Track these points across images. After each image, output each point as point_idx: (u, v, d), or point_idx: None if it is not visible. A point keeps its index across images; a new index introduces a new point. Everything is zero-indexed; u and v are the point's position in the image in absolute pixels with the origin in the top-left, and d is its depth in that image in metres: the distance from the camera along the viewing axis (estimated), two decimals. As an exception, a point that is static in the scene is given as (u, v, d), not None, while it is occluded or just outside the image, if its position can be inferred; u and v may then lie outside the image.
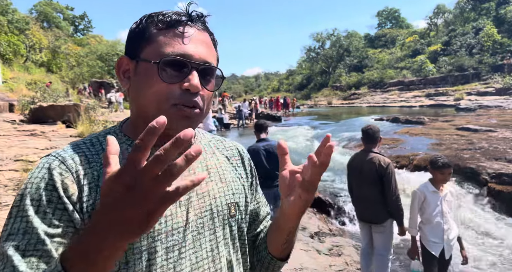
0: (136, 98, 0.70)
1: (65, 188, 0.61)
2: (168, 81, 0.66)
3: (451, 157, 7.67)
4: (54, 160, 0.64)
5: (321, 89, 51.83)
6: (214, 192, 0.77)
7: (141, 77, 0.69)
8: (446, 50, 40.35)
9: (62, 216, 0.60)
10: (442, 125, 13.38)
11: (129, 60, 0.71)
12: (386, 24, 63.27)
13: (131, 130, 0.74)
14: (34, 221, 0.58)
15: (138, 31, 0.70)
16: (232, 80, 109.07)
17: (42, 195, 0.59)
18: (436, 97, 30.92)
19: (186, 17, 0.70)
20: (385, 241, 3.29)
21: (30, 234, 0.57)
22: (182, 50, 0.67)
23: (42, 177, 0.61)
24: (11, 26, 24.38)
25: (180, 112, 0.67)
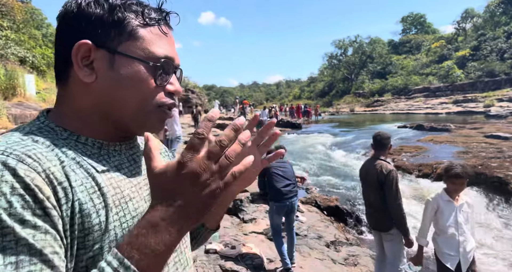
0: (110, 94, 0.62)
1: (39, 189, 0.49)
2: (161, 84, 0.65)
3: (477, 165, 7.36)
4: (5, 158, 0.49)
5: (343, 96, 51.15)
6: None
7: (124, 74, 0.62)
8: (475, 55, 38.85)
9: (44, 222, 0.48)
10: (470, 133, 12.86)
11: (94, 47, 0.61)
12: (411, 29, 61.90)
13: (76, 124, 0.64)
14: (15, 232, 0.45)
15: (112, 19, 0.62)
16: (253, 88, 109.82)
17: (13, 202, 0.46)
18: (464, 104, 29.75)
19: (163, 15, 0.67)
20: (395, 250, 3.20)
21: (13, 249, 0.44)
22: (169, 53, 0.65)
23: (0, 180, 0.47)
24: (46, 40, 25.88)
25: (162, 115, 0.66)
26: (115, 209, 0.59)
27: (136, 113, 0.64)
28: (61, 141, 0.60)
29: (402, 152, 9.87)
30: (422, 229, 2.89)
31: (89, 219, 0.55)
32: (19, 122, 10.98)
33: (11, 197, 0.46)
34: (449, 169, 2.76)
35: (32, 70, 19.31)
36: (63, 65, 0.64)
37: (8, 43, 17.96)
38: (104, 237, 0.56)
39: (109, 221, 0.57)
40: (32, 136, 0.57)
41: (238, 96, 41.10)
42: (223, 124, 18.88)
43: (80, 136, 0.63)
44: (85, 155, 0.61)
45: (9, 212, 0.46)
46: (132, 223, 0.61)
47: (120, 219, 0.59)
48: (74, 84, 0.63)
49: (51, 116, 0.65)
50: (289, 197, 3.92)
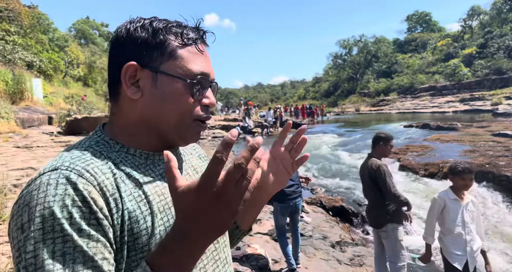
0: (155, 109, 0.69)
1: (94, 202, 0.57)
2: (197, 99, 0.70)
3: (485, 164, 7.27)
4: (69, 173, 0.58)
5: (349, 96, 50.93)
6: None
7: (166, 90, 0.68)
8: (482, 53, 38.41)
9: (97, 231, 0.56)
10: (477, 131, 12.71)
11: (139, 67, 0.68)
12: (416, 28, 61.43)
13: (126, 137, 0.72)
14: (74, 240, 0.53)
15: (156, 41, 0.68)
16: (258, 89, 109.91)
17: (72, 213, 0.54)
18: (471, 102, 29.42)
19: (199, 35, 0.73)
20: (391, 247, 3.21)
21: (71, 254, 0.52)
22: (204, 69, 0.71)
23: (63, 193, 0.55)
24: (52, 44, 26.22)
25: (198, 128, 0.72)
26: (160, 214, 0.66)
27: (177, 126, 0.70)
28: (114, 153, 0.69)
29: (408, 151, 9.79)
30: (429, 227, 2.87)
31: (138, 225, 0.62)
32: (26, 126, 11.13)
33: (72, 208, 0.55)
34: (455, 166, 2.74)
35: (39, 74, 19.56)
36: (115, 84, 0.71)
37: (15, 48, 18.22)
38: (151, 240, 0.63)
39: (155, 226, 0.64)
40: (91, 149, 0.67)
41: (242, 98, 41.15)
42: (227, 126, 18.92)
43: (130, 148, 0.71)
44: (133, 166, 0.69)
45: (70, 222, 0.54)
46: None
47: (164, 224, 0.66)
48: (124, 100, 0.71)
49: (106, 130, 0.74)
50: (293, 198, 3.92)
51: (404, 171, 8.36)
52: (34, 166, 5.74)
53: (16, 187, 4.81)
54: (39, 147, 7.72)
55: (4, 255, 2.73)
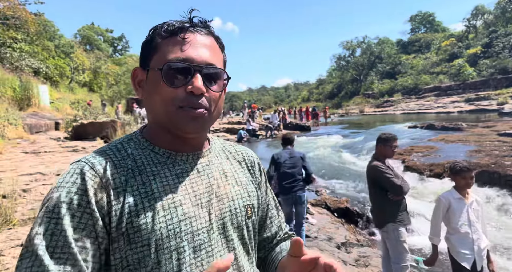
0: (148, 105, 0.75)
1: (94, 192, 0.64)
2: (171, 85, 0.69)
3: (491, 164, 7.23)
4: (84, 165, 0.67)
5: (352, 97, 50.77)
6: (232, 194, 0.80)
7: (150, 85, 0.73)
8: (487, 52, 38.12)
9: (88, 220, 0.62)
10: (482, 131, 12.62)
11: (141, 70, 0.76)
12: (420, 28, 61.18)
13: (152, 136, 0.77)
14: (63, 223, 0.60)
15: (147, 42, 0.74)
16: (262, 92, 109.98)
17: (73, 199, 0.62)
18: (476, 102, 29.19)
19: (188, 24, 0.73)
20: (393, 248, 3.22)
21: (57, 236, 0.59)
22: (184, 55, 0.70)
23: (74, 181, 0.64)
24: (58, 51, 26.56)
25: (186, 113, 0.70)
26: (163, 212, 0.68)
27: (165, 116, 0.72)
28: (139, 150, 0.74)
29: (413, 152, 9.76)
30: (434, 228, 2.87)
31: (137, 219, 0.66)
32: (34, 131, 11.27)
33: (74, 195, 0.63)
34: (455, 165, 2.77)
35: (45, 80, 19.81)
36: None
37: (22, 55, 18.49)
38: (151, 235, 0.66)
39: (155, 222, 0.67)
40: (119, 145, 0.75)
41: (246, 101, 41.24)
42: (232, 129, 18.98)
43: (155, 147, 0.76)
44: (151, 163, 0.73)
45: (68, 206, 0.62)
46: (178, 226, 0.69)
47: (167, 222, 0.68)
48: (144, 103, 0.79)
49: (144, 130, 0.81)
50: (294, 190, 4.29)
51: (409, 171, 8.34)
52: (42, 170, 5.83)
53: (25, 192, 4.89)
54: (46, 152, 7.83)
55: (15, 259, 2.79)
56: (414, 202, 6.69)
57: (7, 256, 2.80)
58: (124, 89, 26.62)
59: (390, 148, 3.32)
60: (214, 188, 0.78)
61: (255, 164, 0.93)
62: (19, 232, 3.38)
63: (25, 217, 3.99)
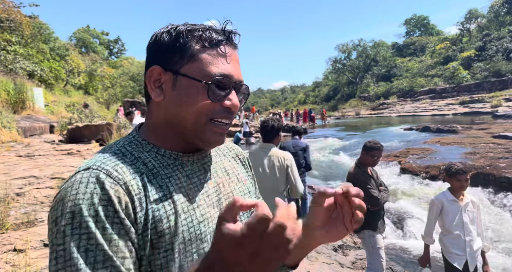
0: (174, 110, 0.71)
1: (118, 201, 0.60)
2: (214, 100, 0.69)
3: (486, 166, 7.28)
4: (98, 173, 0.62)
5: (348, 100, 51.04)
6: (236, 192, 0.81)
7: (183, 92, 0.70)
8: (481, 55, 38.57)
9: (120, 230, 0.59)
10: (477, 134, 12.72)
11: (163, 71, 0.72)
12: (415, 32, 61.77)
13: (156, 138, 0.75)
14: (97, 237, 0.56)
15: (177, 45, 0.70)
16: (258, 94, 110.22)
17: (99, 211, 0.58)
18: (471, 105, 29.46)
19: (224, 36, 0.72)
20: (369, 254, 3.21)
21: (93, 251, 0.56)
22: (225, 71, 0.70)
23: (92, 192, 0.59)
24: (53, 53, 26.43)
25: (216, 128, 0.71)
26: (184, 215, 0.67)
27: (193, 127, 0.71)
28: (145, 153, 0.72)
29: (408, 154, 9.80)
30: (427, 228, 2.90)
31: (161, 223, 0.64)
32: (28, 134, 11.18)
33: (98, 207, 0.58)
34: (450, 167, 2.77)
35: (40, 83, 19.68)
36: (147, 88, 0.75)
37: (17, 58, 18.37)
38: (174, 239, 0.65)
39: (177, 226, 0.65)
40: (123, 149, 0.71)
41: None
42: (228, 131, 18.91)
43: (160, 148, 0.73)
44: (162, 166, 0.71)
45: (95, 219, 0.58)
46: (198, 228, 0.68)
47: (188, 224, 0.67)
48: (152, 103, 0.75)
49: (141, 131, 0.77)
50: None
51: (405, 173, 8.36)
52: (36, 174, 5.77)
53: (18, 195, 4.83)
54: (41, 155, 7.76)
55: (8, 264, 2.75)
56: (410, 204, 6.71)
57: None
58: (120, 92, 26.54)
59: (371, 157, 3.21)
60: (221, 187, 0.78)
61: (245, 158, 0.95)
62: (12, 236, 3.33)
63: (18, 221, 3.93)
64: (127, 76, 29.08)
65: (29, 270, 2.47)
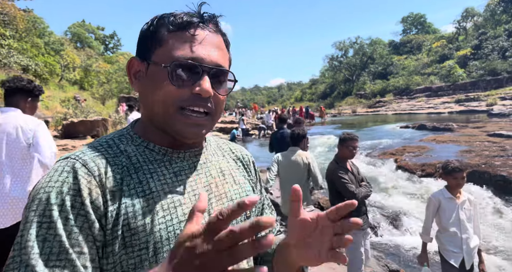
0: (145, 100, 0.69)
1: (89, 192, 0.57)
2: (178, 85, 0.64)
3: (481, 164, 7.32)
4: (74, 162, 0.60)
5: (345, 97, 51.09)
6: (230, 194, 0.77)
7: (151, 80, 0.66)
8: (477, 54, 38.75)
9: (83, 222, 0.56)
10: (473, 132, 12.80)
11: (139, 61, 0.69)
12: (412, 30, 61.87)
13: (144, 132, 0.72)
14: (56, 227, 0.54)
15: (149, 33, 0.68)
16: (255, 92, 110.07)
17: (66, 200, 0.55)
18: (466, 103, 29.61)
19: (197, 19, 0.67)
20: (347, 250, 3.21)
21: (51, 241, 0.53)
22: (193, 54, 0.64)
23: (64, 180, 0.57)
24: (48, 48, 26.13)
25: (186, 119, 0.65)
26: (162, 212, 0.63)
27: (163, 117, 0.66)
28: (132, 147, 0.68)
29: (404, 152, 9.84)
30: (425, 226, 2.91)
31: (135, 220, 0.60)
32: (22, 130, 11.06)
33: (66, 196, 0.56)
34: (447, 165, 2.78)
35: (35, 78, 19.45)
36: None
37: (11, 52, 18.14)
38: (149, 238, 0.60)
39: (154, 224, 0.61)
40: (111, 141, 0.68)
41: (239, 100, 41.28)
42: (225, 128, 18.91)
43: (150, 143, 0.70)
44: (147, 161, 0.67)
45: (60, 209, 0.55)
46: (178, 227, 0.64)
47: (166, 223, 0.63)
48: (139, 96, 0.72)
49: (135, 125, 0.75)
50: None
51: (401, 171, 8.40)
52: (31, 169, 5.71)
53: (12, 191, 4.76)
54: (35, 151, 7.67)
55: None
56: (405, 202, 6.74)
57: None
58: (115, 87, 26.33)
59: (347, 148, 3.23)
60: (213, 187, 0.74)
61: (250, 162, 0.91)
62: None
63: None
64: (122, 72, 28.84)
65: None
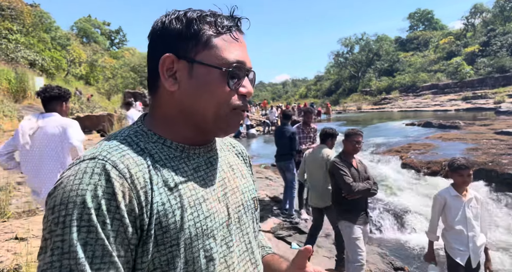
0: (192, 100, 0.68)
1: (123, 196, 0.58)
2: (234, 88, 0.68)
3: (488, 162, 7.26)
4: (104, 164, 0.59)
5: (350, 94, 50.82)
6: (241, 188, 0.80)
7: (201, 81, 0.67)
8: (485, 51, 38.22)
9: (119, 227, 0.57)
10: (480, 130, 12.67)
11: (176, 59, 0.68)
12: (419, 26, 61.14)
13: (164, 129, 0.71)
14: (97, 231, 0.54)
15: (191, 31, 0.68)
16: (259, 88, 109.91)
17: (101, 204, 0.55)
18: (474, 101, 29.31)
19: (233, 22, 0.71)
20: (347, 246, 3.21)
21: (92, 245, 0.54)
22: (240, 57, 0.69)
23: (96, 183, 0.56)
24: (54, 43, 26.28)
25: (237, 117, 0.71)
26: (190, 209, 0.65)
27: (215, 116, 0.69)
28: (151, 144, 0.68)
29: (410, 150, 9.78)
30: (431, 224, 2.89)
31: (166, 218, 0.61)
32: (29, 124, 11.16)
33: (101, 200, 0.56)
34: (453, 162, 2.76)
35: (41, 73, 19.59)
36: (153, 77, 0.71)
37: (18, 47, 18.26)
38: (180, 235, 0.62)
39: (184, 221, 0.63)
40: (129, 139, 0.68)
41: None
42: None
43: (166, 140, 0.70)
44: (168, 158, 0.68)
45: (97, 213, 0.55)
46: (205, 223, 0.66)
47: (194, 219, 0.64)
48: (162, 93, 0.70)
49: (146, 121, 0.74)
50: (278, 160, 5.43)
51: (406, 169, 8.35)
52: (38, 163, 5.76)
53: (20, 184, 4.83)
54: (42, 145, 7.74)
55: (9, 252, 2.75)
56: (411, 200, 6.71)
57: (1, 249, 2.76)
58: (121, 83, 26.46)
59: (351, 143, 3.28)
60: (226, 182, 0.77)
61: (247, 156, 0.93)
62: (14, 224, 3.33)
63: (20, 210, 3.94)
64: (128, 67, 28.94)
65: (30, 258, 2.48)
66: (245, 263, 0.73)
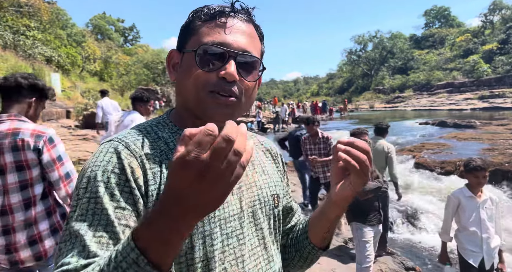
0: (179, 88, 0.73)
1: (131, 171, 0.63)
2: (204, 69, 0.67)
3: (505, 163, 7.09)
4: (117, 144, 0.66)
5: (363, 92, 50.22)
6: (260, 183, 0.80)
7: (183, 67, 0.71)
8: (504, 49, 37.17)
9: (128, 199, 0.61)
10: (496, 129, 12.38)
11: (177, 53, 0.75)
12: (434, 23, 59.85)
13: (179, 119, 0.77)
14: (103, 202, 0.59)
15: (185, 25, 0.74)
16: (271, 85, 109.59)
17: (111, 178, 0.61)
18: (491, 100, 28.61)
19: (229, 8, 0.72)
20: (356, 247, 3.19)
21: (99, 215, 0.58)
22: (221, 39, 0.68)
23: (109, 160, 0.63)
24: (70, 39, 26.75)
25: (215, 99, 0.68)
26: None
27: (194, 100, 0.70)
28: (169, 134, 0.73)
29: (423, 149, 9.62)
30: (445, 225, 2.85)
31: None
32: (45, 119, 11.41)
33: (111, 174, 0.62)
34: (469, 162, 2.71)
35: (57, 69, 19.98)
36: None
37: (35, 43, 18.64)
38: None
39: None
40: (149, 128, 0.74)
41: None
42: (239, 122, 18.96)
43: (181, 130, 0.75)
44: None
45: (106, 185, 0.61)
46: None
47: None
48: (175, 86, 0.77)
49: (171, 114, 0.80)
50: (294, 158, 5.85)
51: (419, 168, 8.23)
52: (54, 157, 5.90)
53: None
54: (58, 140, 7.91)
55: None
56: (423, 200, 6.62)
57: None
58: (134, 79, 26.76)
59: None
60: (243, 176, 0.75)
61: (277, 154, 0.93)
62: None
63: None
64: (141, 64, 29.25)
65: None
66: (257, 258, 0.74)
